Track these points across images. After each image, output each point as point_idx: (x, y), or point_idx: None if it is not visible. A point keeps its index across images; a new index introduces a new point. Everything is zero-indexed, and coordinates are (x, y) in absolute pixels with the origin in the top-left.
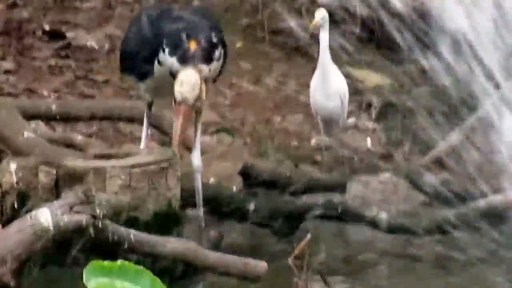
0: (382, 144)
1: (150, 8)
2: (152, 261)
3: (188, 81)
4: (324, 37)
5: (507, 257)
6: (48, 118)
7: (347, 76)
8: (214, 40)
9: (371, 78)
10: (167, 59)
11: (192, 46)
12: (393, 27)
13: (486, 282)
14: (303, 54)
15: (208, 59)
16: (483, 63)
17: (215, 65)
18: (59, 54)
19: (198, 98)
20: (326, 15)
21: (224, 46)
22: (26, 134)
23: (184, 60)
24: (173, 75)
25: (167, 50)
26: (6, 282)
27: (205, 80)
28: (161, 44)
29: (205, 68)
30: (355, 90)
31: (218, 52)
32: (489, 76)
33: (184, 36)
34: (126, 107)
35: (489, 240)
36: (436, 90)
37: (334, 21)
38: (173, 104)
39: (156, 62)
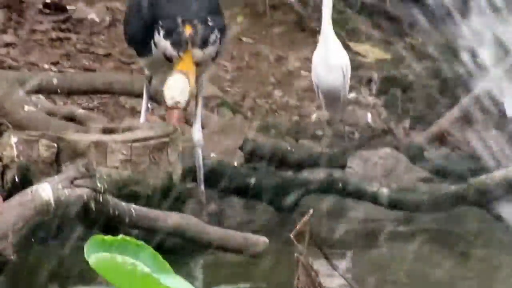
0: (382, 119)
1: None
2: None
3: (177, 85)
4: (327, 5)
5: (506, 233)
6: (49, 91)
7: (348, 50)
8: (211, 24)
9: (372, 52)
10: (161, 41)
11: (187, 30)
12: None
13: (481, 259)
14: (304, 29)
15: (203, 44)
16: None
17: (211, 49)
18: (60, 27)
19: (189, 100)
20: None
21: (222, 29)
22: (27, 107)
23: (177, 45)
24: (167, 58)
25: (161, 33)
26: (7, 256)
27: (201, 63)
28: (157, 25)
29: (199, 53)
30: (356, 65)
31: (214, 36)
32: (492, 51)
33: (179, 20)
34: (127, 81)
35: (490, 215)
36: (437, 64)
37: None
38: (165, 108)
39: (152, 43)
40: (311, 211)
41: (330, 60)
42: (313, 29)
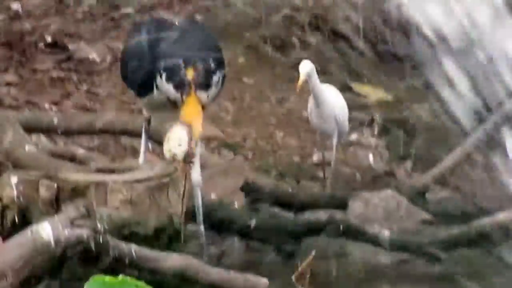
0: (384, 160)
1: (147, 22)
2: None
3: (174, 137)
4: (314, 78)
5: (508, 276)
6: (50, 131)
7: (349, 91)
8: (213, 66)
9: (374, 93)
10: (164, 85)
11: (190, 73)
12: (395, 41)
13: None
14: None
15: (206, 87)
16: (488, 78)
17: (214, 91)
18: (61, 66)
19: (188, 152)
20: (311, 66)
21: (223, 70)
22: (27, 147)
23: (181, 88)
24: (170, 100)
25: (163, 76)
26: None
27: (205, 105)
28: (158, 68)
29: (203, 95)
30: (357, 106)
31: (216, 78)
32: (494, 92)
33: (181, 63)
34: (128, 121)
35: (493, 259)
36: (439, 105)
37: (336, 35)
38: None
39: (154, 85)
40: (312, 253)
41: (321, 111)
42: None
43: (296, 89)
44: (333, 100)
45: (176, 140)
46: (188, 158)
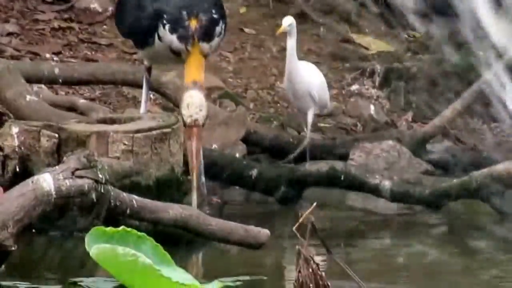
0: (385, 111)
1: None
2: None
3: (194, 103)
4: (291, 44)
5: (508, 226)
6: (51, 81)
7: (351, 42)
8: (215, 16)
9: (375, 44)
10: (167, 35)
11: (193, 24)
12: None
13: (483, 253)
14: (306, 20)
15: (209, 37)
16: (488, 30)
17: (217, 41)
18: (62, 16)
19: (207, 116)
20: (294, 22)
21: (225, 20)
22: (28, 97)
23: (184, 39)
24: (173, 51)
25: (167, 27)
26: (7, 246)
27: (207, 55)
28: (161, 19)
29: (206, 46)
30: (358, 57)
31: (219, 28)
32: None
33: (184, 13)
34: (129, 71)
35: (491, 209)
36: (440, 56)
37: None
38: (184, 126)
39: (156, 36)
40: (314, 204)
41: (296, 89)
42: (316, 20)
43: (277, 34)
44: (309, 78)
45: (197, 106)
46: (206, 122)
